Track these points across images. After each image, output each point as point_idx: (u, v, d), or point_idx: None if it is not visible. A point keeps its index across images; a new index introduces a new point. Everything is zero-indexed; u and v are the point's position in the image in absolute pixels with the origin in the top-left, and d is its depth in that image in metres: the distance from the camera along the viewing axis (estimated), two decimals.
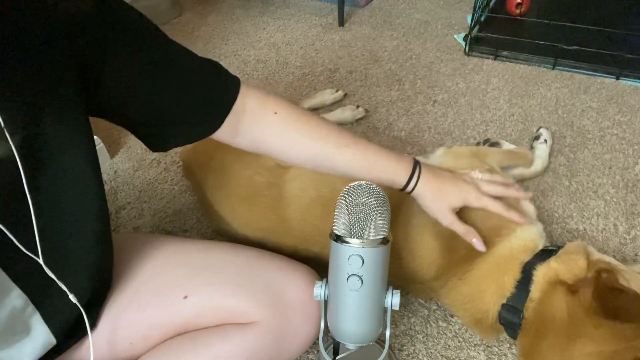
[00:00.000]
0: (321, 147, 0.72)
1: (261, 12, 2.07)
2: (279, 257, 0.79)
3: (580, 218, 1.09)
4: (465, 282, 0.81)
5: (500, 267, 0.78)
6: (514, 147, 1.21)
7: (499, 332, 0.80)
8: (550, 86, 1.50)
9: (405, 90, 1.53)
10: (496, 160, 1.02)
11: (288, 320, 0.72)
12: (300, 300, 0.73)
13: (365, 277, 0.61)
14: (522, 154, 1.16)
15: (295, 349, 0.75)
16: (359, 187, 0.63)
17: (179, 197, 1.22)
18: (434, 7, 2.00)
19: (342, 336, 0.66)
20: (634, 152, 1.24)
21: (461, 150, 0.98)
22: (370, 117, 1.43)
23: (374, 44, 1.78)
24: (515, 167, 1.14)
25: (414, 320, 0.92)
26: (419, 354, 0.88)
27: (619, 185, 1.16)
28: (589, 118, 1.36)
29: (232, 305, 0.73)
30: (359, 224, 0.61)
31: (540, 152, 1.21)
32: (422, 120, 1.41)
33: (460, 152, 0.97)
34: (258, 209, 0.83)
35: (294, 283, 0.74)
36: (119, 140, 1.43)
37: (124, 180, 1.29)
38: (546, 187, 1.17)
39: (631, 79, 1.48)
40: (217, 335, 0.72)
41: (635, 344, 0.62)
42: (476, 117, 1.39)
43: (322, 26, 1.92)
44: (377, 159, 0.75)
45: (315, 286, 0.67)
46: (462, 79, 1.56)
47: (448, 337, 0.89)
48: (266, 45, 1.83)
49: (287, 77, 1.64)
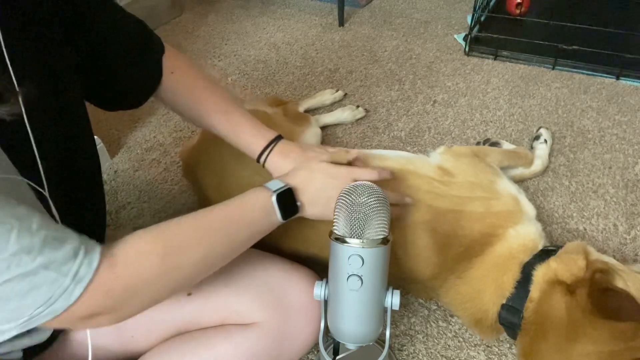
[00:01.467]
0: (198, 110, 0.79)
1: (261, 12, 2.07)
2: (281, 259, 0.79)
3: (580, 218, 1.09)
4: (464, 282, 0.81)
5: (500, 267, 0.78)
6: (513, 147, 1.21)
7: (499, 332, 0.80)
8: (550, 86, 1.50)
9: (405, 90, 1.53)
10: (497, 160, 1.02)
11: (290, 322, 0.73)
12: (302, 303, 0.74)
13: (365, 277, 0.61)
14: (522, 154, 1.16)
15: (296, 350, 0.75)
16: (359, 187, 0.63)
17: (179, 197, 1.22)
18: (434, 7, 2.00)
19: (342, 336, 0.66)
20: (634, 152, 1.24)
21: (461, 150, 0.98)
22: (370, 117, 1.43)
23: (374, 44, 1.78)
24: (515, 167, 1.14)
25: (414, 320, 0.93)
26: (419, 354, 0.88)
27: (619, 185, 1.16)
28: (589, 118, 1.36)
29: (234, 306, 0.73)
30: (358, 224, 0.61)
31: (540, 152, 1.21)
32: (422, 120, 1.41)
33: (460, 151, 0.97)
34: None
35: (296, 285, 0.75)
36: (119, 140, 1.43)
37: (124, 180, 1.29)
38: (546, 187, 1.17)
39: (631, 79, 1.48)
40: (219, 336, 0.72)
41: (633, 345, 0.62)
42: (476, 117, 1.39)
43: (322, 26, 1.92)
44: (242, 130, 0.80)
45: (315, 286, 0.67)
46: (462, 79, 1.56)
47: (448, 337, 0.89)
48: (266, 45, 1.83)
49: (287, 77, 1.64)
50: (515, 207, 0.85)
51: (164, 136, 1.43)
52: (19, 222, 0.45)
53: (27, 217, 0.46)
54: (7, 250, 0.44)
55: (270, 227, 0.69)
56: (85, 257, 0.49)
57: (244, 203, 0.67)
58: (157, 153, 1.37)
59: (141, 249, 0.56)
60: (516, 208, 0.85)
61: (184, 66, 0.79)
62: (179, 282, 0.60)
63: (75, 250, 0.49)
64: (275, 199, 0.67)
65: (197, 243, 0.61)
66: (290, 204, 0.70)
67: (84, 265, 0.49)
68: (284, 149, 0.80)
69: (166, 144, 1.40)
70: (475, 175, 0.90)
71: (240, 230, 0.66)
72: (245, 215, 0.67)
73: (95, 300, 0.50)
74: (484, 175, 0.91)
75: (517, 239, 0.80)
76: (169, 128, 1.45)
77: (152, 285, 0.56)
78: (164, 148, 1.39)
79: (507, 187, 0.89)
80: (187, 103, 0.79)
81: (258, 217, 0.67)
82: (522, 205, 0.86)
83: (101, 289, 0.50)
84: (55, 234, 0.48)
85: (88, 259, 0.49)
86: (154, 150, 1.38)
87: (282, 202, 0.68)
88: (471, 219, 0.82)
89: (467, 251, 0.80)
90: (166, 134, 1.44)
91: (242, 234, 0.66)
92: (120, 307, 0.54)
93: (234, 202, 0.67)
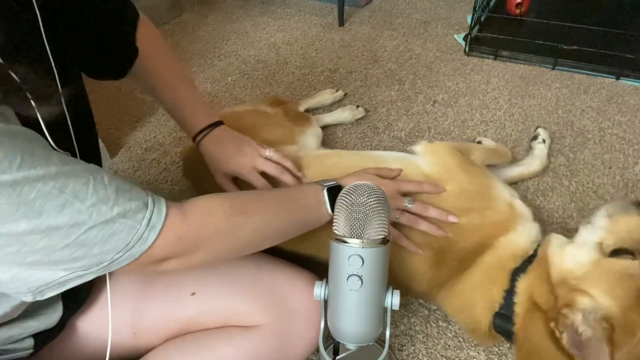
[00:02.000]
0: (155, 84, 0.84)
1: (261, 12, 2.07)
2: (285, 262, 0.80)
3: (580, 218, 1.09)
4: (456, 295, 0.81)
5: (489, 278, 0.78)
6: (493, 145, 1.20)
7: (496, 338, 0.81)
8: (550, 86, 1.50)
9: (405, 90, 1.53)
10: (479, 159, 1.00)
11: (292, 325, 0.73)
12: (305, 306, 0.74)
13: (365, 277, 0.61)
14: (503, 152, 1.15)
15: (298, 353, 0.75)
16: (359, 187, 0.63)
17: (179, 197, 1.22)
18: (434, 7, 2.00)
19: (342, 336, 0.66)
20: (634, 152, 1.24)
21: (444, 148, 0.94)
22: (370, 117, 1.43)
23: (374, 44, 1.78)
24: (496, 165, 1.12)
25: (414, 320, 0.92)
26: (419, 354, 0.88)
27: (619, 185, 1.16)
28: (589, 118, 1.36)
29: (237, 307, 0.73)
30: (358, 224, 0.61)
31: (538, 152, 1.21)
32: (422, 120, 1.41)
33: (444, 150, 0.93)
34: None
35: (298, 289, 0.75)
36: (119, 140, 1.43)
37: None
38: (546, 187, 1.17)
39: (631, 79, 1.48)
40: (222, 338, 0.72)
41: None
42: (476, 117, 1.39)
43: (322, 26, 1.92)
44: (186, 106, 0.85)
45: (315, 286, 0.67)
46: (462, 79, 1.56)
47: (448, 337, 0.89)
48: (266, 45, 1.83)
49: (287, 77, 1.64)
50: (510, 213, 0.84)
51: (164, 136, 1.43)
52: (92, 175, 0.50)
53: (98, 171, 0.52)
54: (88, 201, 0.49)
55: (320, 217, 0.73)
56: (154, 206, 0.55)
57: (300, 189, 0.74)
58: (157, 153, 1.37)
59: (210, 204, 0.61)
60: (511, 214, 0.84)
61: (152, 36, 0.84)
62: (240, 243, 0.65)
63: (145, 201, 0.54)
64: (327, 192, 0.73)
65: (258, 210, 0.65)
66: None
67: (155, 213, 0.54)
68: (221, 135, 0.86)
69: (166, 144, 1.40)
70: (470, 181, 0.88)
71: (296, 211, 0.71)
72: (302, 198, 0.72)
73: (168, 245, 0.56)
74: (478, 180, 0.89)
75: (507, 248, 0.79)
76: (169, 128, 1.45)
77: (219, 237, 0.61)
78: (164, 148, 1.39)
79: (501, 192, 0.87)
80: (145, 72, 0.83)
81: (312, 203, 0.72)
82: (516, 210, 0.85)
83: (174, 236, 0.56)
84: (125, 187, 0.53)
85: (157, 208, 0.55)
86: (154, 150, 1.38)
87: (332, 196, 0.72)
88: (467, 231, 0.81)
89: (461, 264, 0.80)
90: (166, 134, 1.44)
91: (297, 214, 0.71)
92: (189, 253, 0.59)
93: (291, 188, 0.75)
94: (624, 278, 0.67)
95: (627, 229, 0.73)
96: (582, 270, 0.71)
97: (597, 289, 0.67)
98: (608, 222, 0.76)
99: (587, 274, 0.70)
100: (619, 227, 0.74)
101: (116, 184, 0.52)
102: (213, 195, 0.63)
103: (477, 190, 0.87)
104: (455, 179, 0.87)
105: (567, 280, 0.71)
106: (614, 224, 0.75)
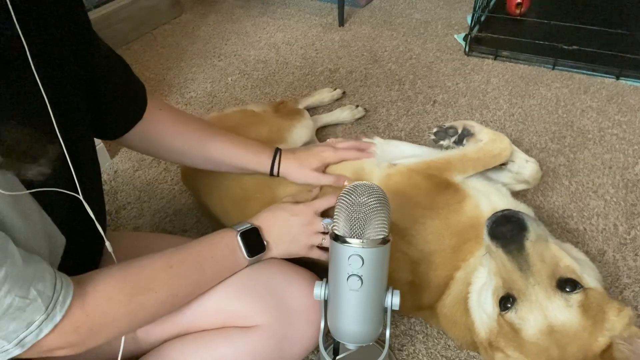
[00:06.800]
0: (198, 138, 0.84)
1: (261, 12, 2.07)
2: (282, 262, 0.79)
3: (580, 218, 1.09)
4: (438, 317, 0.83)
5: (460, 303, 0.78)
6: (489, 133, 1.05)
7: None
8: (550, 86, 1.50)
9: (405, 90, 1.53)
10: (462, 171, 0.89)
11: (291, 324, 0.73)
12: (304, 306, 0.74)
13: (365, 277, 0.61)
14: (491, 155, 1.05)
15: (297, 353, 0.75)
16: (359, 187, 0.63)
17: (179, 197, 1.22)
18: (434, 7, 2.00)
19: (342, 336, 0.66)
20: (634, 152, 1.24)
21: (412, 174, 0.87)
22: (370, 117, 1.43)
23: (374, 44, 1.78)
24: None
25: (414, 320, 0.92)
26: (419, 354, 0.87)
27: (619, 185, 1.16)
28: (589, 118, 1.36)
29: (235, 308, 0.73)
30: (359, 224, 0.61)
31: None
32: (422, 120, 1.41)
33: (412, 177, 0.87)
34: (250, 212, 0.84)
35: (297, 288, 0.75)
36: None
37: (124, 180, 1.29)
38: (546, 187, 1.17)
39: (631, 79, 1.48)
40: (220, 339, 0.72)
41: None
42: (476, 117, 1.39)
43: (322, 26, 1.92)
44: (245, 152, 0.87)
45: (315, 286, 0.67)
46: (462, 79, 1.56)
47: (448, 337, 0.89)
48: (266, 45, 1.83)
49: (287, 77, 1.64)
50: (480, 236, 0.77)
51: None
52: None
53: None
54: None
55: (236, 265, 0.74)
56: (60, 295, 0.53)
57: (211, 242, 0.72)
58: None
59: (110, 288, 0.59)
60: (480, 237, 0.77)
61: (169, 107, 0.86)
62: (144, 319, 0.65)
63: (51, 290, 0.52)
64: (240, 237, 0.72)
65: (165, 282, 0.65)
66: (256, 243, 0.74)
67: (59, 304, 0.52)
68: (289, 153, 0.89)
69: None
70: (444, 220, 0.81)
71: (208, 268, 0.70)
72: (213, 251, 0.71)
73: (64, 337, 0.54)
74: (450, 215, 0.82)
75: (473, 270, 0.78)
76: None
77: (118, 323, 0.60)
78: None
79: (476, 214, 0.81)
80: (175, 136, 0.83)
81: (225, 254, 0.72)
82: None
83: (70, 326, 0.54)
84: (30, 278, 0.50)
85: (63, 297, 0.53)
86: None
87: (247, 240, 0.73)
88: (438, 268, 0.80)
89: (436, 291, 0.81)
90: None
91: (207, 273, 0.71)
92: (83, 343, 0.57)
93: (202, 241, 0.72)
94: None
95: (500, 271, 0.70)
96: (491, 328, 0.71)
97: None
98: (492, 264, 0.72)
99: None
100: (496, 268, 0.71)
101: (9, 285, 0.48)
102: (116, 271, 0.61)
103: (449, 225, 0.82)
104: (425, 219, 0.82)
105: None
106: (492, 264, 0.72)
